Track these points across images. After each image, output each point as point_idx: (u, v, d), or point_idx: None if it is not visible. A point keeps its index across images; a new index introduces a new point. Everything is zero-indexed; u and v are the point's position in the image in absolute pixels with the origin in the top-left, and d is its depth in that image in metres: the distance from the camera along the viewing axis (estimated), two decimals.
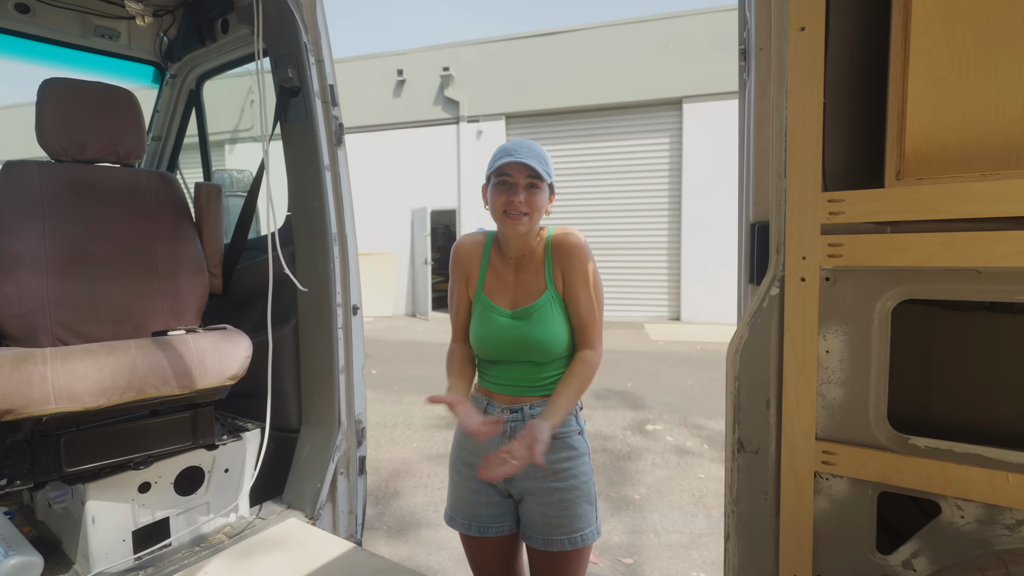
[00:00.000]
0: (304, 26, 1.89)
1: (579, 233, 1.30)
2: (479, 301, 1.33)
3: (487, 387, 1.34)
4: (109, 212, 1.88)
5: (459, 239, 1.39)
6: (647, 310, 10.18)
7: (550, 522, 1.26)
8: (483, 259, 1.35)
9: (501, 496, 1.33)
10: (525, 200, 1.23)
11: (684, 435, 4.12)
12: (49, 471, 1.51)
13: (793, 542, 0.93)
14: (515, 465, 1.09)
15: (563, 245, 1.28)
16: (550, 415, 1.18)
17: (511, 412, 1.29)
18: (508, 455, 1.10)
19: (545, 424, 1.14)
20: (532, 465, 1.24)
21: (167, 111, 2.71)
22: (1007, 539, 0.79)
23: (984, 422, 0.97)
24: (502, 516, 1.33)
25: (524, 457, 1.09)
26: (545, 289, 1.28)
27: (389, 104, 11.45)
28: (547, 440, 1.13)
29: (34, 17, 2.24)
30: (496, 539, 1.34)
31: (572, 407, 1.24)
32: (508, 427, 1.28)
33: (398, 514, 2.95)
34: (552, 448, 1.25)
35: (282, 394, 2.10)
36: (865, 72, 0.93)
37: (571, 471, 1.27)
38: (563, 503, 1.26)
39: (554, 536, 1.26)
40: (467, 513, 1.34)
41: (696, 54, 9.39)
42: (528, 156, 1.21)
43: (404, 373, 6.17)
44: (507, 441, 1.28)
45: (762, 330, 0.94)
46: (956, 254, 0.79)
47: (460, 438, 1.38)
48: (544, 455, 1.14)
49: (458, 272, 1.38)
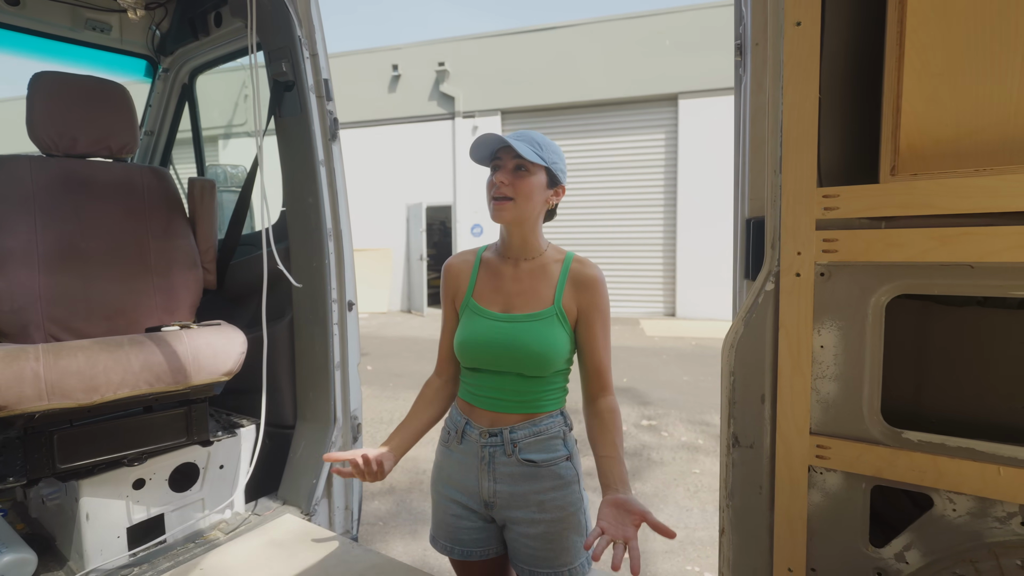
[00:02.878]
0: (298, 20, 1.87)
1: (599, 267, 1.22)
2: (467, 308, 1.25)
3: (467, 399, 1.25)
4: (102, 207, 1.87)
5: (450, 258, 1.32)
6: (642, 306, 10.21)
7: (535, 554, 1.18)
8: (473, 270, 1.27)
9: (483, 520, 1.24)
10: (510, 182, 1.15)
11: (679, 430, 4.14)
12: (42, 468, 1.51)
13: (787, 535, 0.94)
14: (635, 548, 0.93)
15: (586, 277, 1.19)
16: (617, 482, 1.06)
17: (490, 436, 1.19)
18: (614, 539, 0.94)
19: (622, 493, 1.03)
20: (515, 494, 1.18)
21: (160, 105, 2.68)
22: (998, 531, 0.80)
23: (977, 416, 0.97)
24: (485, 540, 1.25)
25: (630, 535, 0.95)
26: (551, 304, 1.19)
27: (384, 99, 11.40)
28: (642, 506, 0.99)
29: (24, 9, 2.21)
30: (481, 563, 1.26)
31: (625, 466, 1.11)
32: (487, 452, 1.19)
33: (405, 512, 2.96)
34: (535, 476, 1.18)
35: (277, 390, 2.09)
36: (860, 67, 0.93)
37: (555, 502, 1.17)
38: (547, 535, 1.17)
39: (540, 568, 1.18)
40: (449, 536, 1.26)
41: (692, 50, 9.38)
42: (516, 139, 1.14)
43: (400, 369, 6.17)
44: (485, 466, 1.20)
45: (757, 325, 0.94)
46: (950, 249, 0.79)
47: (440, 457, 1.29)
48: (651, 516, 0.98)
49: (446, 293, 1.30)
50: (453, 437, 1.25)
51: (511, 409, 1.19)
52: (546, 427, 1.20)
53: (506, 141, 1.15)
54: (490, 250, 1.30)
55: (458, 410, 1.27)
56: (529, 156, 1.12)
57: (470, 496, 1.23)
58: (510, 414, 1.19)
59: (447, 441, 1.28)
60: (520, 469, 1.18)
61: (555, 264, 1.22)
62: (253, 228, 2.48)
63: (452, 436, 1.26)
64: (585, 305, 1.18)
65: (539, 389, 1.20)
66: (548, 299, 1.19)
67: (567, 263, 1.21)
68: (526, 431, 1.19)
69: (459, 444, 1.24)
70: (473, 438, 1.21)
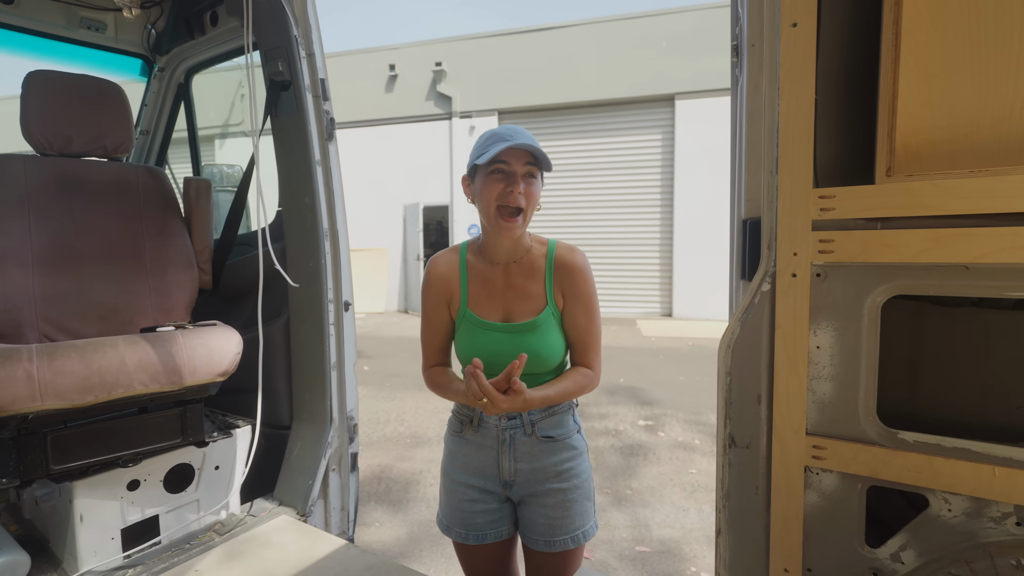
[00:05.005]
0: (294, 19, 1.87)
1: (583, 252, 1.24)
2: (464, 319, 1.24)
3: None
4: (96, 207, 1.86)
5: (432, 258, 1.29)
6: (639, 306, 10.22)
7: (553, 523, 1.24)
8: (462, 274, 1.26)
9: (499, 501, 1.29)
10: (524, 191, 1.12)
11: (676, 430, 4.14)
12: (36, 469, 1.50)
13: (783, 536, 0.94)
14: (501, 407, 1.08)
15: (568, 264, 1.21)
16: (533, 392, 1.15)
17: (508, 419, 1.24)
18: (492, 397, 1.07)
19: (526, 392, 1.11)
20: (535, 469, 1.24)
21: (155, 105, 2.67)
22: (993, 532, 0.80)
23: (972, 416, 0.98)
24: (499, 521, 1.30)
25: (507, 403, 1.08)
26: (545, 305, 1.22)
27: (381, 99, 11.38)
28: (527, 395, 1.11)
29: (19, 8, 2.20)
30: (494, 544, 1.31)
31: (552, 401, 1.19)
32: (507, 435, 1.24)
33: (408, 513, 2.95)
34: (553, 450, 1.24)
35: (273, 390, 2.09)
36: (856, 69, 0.93)
37: (573, 471, 1.25)
38: (566, 503, 1.24)
39: (557, 536, 1.24)
40: (463, 522, 1.29)
41: (688, 50, 9.40)
42: (526, 139, 1.10)
43: (396, 369, 6.16)
44: (505, 448, 1.24)
45: (753, 326, 0.95)
46: (945, 250, 0.79)
47: (452, 446, 1.32)
48: (512, 403, 1.10)
49: (435, 296, 1.27)
50: (468, 426, 1.28)
51: None
52: (559, 407, 1.26)
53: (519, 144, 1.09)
54: (472, 252, 1.28)
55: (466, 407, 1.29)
56: (548, 165, 1.13)
57: (488, 479, 1.27)
58: None
59: (460, 430, 1.30)
60: (540, 446, 1.24)
61: (540, 256, 1.24)
62: (249, 228, 2.47)
63: (466, 424, 1.28)
64: (569, 291, 1.22)
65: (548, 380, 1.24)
66: (541, 298, 1.22)
67: (551, 253, 1.23)
68: (542, 412, 1.24)
69: (475, 432, 1.27)
70: (491, 423, 1.25)
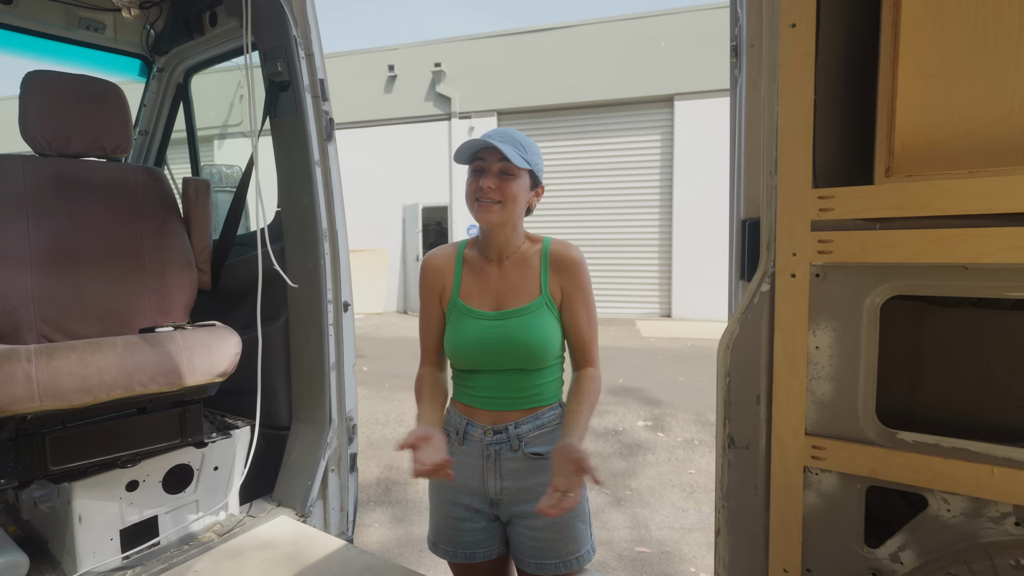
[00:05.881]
0: (294, 20, 1.87)
1: (578, 247, 1.23)
2: (455, 309, 1.22)
3: (466, 402, 1.23)
4: (95, 207, 1.86)
5: (429, 252, 1.29)
6: (638, 306, 10.22)
7: (542, 546, 1.19)
8: (456, 267, 1.25)
9: (487, 520, 1.24)
10: (496, 187, 1.13)
11: (675, 431, 4.14)
12: (34, 470, 1.49)
13: (783, 536, 0.94)
14: (573, 497, 0.98)
15: (565, 259, 1.20)
16: (572, 431, 1.09)
17: (494, 433, 1.19)
18: (559, 490, 0.97)
19: (572, 441, 1.05)
20: (522, 488, 1.19)
21: (154, 105, 2.67)
22: (992, 532, 0.80)
23: (971, 416, 0.98)
24: (489, 540, 1.25)
25: (575, 484, 0.99)
26: (538, 295, 1.19)
27: (380, 100, 11.38)
28: (584, 452, 1.02)
29: (18, 8, 2.20)
30: (484, 563, 1.26)
31: (588, 423, 1.13)
32: (492, 450, 1.19)
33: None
34: (542, 468, 1.18)
35: (272, 391, 2.08)
36: (855, 69, 0.93)
37: None
38: (557, 525, 1.18)
39: (548, 560, 1.19)
40: (451, 540, 1.24)
41: (688, 51, 9.41)
42: (501, 140, 1.11)
43: (395, 370, 6.16)
44: (491, 464, 1.19)
45: (752, 326, 0.95)
46: (944, 250, 0.79)
47: None
48: (596, 470, 1.02)
49: (429, 287, 1.26)
50: (454, 439, 1.24)
51: (513, 406, 1.20)
52: (548, 419, 1.22)
53: (490, 142, 1.12)
54: (471, 247, 1.28)
55: (456, 411, 1.26)
56: (517, 161, 1.11)
57: (474, 496, 1.22)
58: (513, 411, 1.20)
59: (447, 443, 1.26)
60: (527, 463, 1.19)
61: (535, 253, 1.23)
62: (248, 228, 2.47)
63: (453, 438, 1.24)
64: (567, 287, 1.20)
65: (538, 383, 1.20)
66: (535, 289, 1.20)
67: (546, 249, 1.23)
68: (530, 425, 1.20)
69: (461, 445, 1.23)
70: (476, 437, 1.21)
